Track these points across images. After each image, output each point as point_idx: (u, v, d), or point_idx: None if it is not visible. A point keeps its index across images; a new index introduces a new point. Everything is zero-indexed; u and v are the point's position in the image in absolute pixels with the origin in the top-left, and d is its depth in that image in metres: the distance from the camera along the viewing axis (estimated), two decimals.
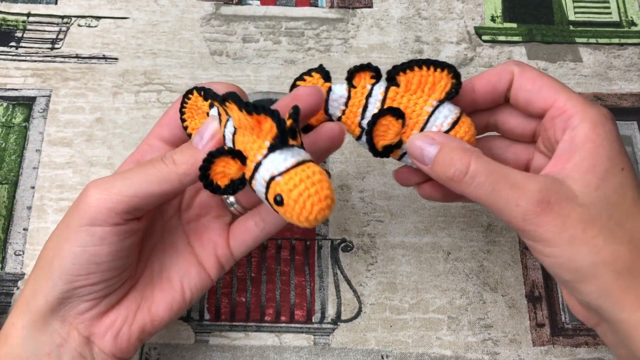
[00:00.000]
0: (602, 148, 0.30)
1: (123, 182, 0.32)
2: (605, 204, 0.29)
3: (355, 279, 0.45)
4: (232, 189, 0.30)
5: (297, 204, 0.29)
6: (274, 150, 0.29)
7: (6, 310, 0.44)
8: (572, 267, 0.29)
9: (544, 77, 0.33)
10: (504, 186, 0.30)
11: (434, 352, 0.43)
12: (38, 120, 0.50)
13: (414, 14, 0.56)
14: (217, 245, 0.37)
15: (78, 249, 0.32)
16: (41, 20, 0.55)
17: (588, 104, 0.31)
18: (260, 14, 0.56)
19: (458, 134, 0.33)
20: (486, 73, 0.34)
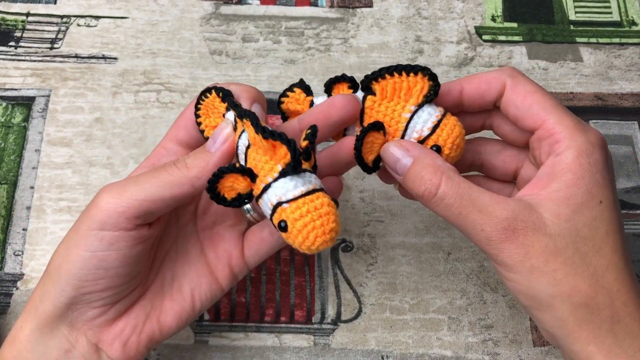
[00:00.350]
0: (581, 180, 0.29)
1: (135, 186, 0.31)
2: (574, 236, 0.29)
3: (355, 279, 0.45)
4: (238, 202, 0.30)
5: (301, 234, 0.29)
6: (285, 176, 0.29)
7: (5, 310, 0.44)
8: (530, 295, 0.29)
9: (536, 93, 0.32)
10: (472, 210, 0.29)
11: (434, 353, 0.43)
12: (37, 120, 0.50)
13: (414, 14, 0.56)
14: (231, 256, 0.36)
15: (86, 253, 0.31)
16: (40, 19, 0.55)
17: (578, 129, 0.30)
18: (260, 14, 0.56)
19: (440, 137, 0.32)
20: (477, 78, 0.33)
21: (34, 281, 0.44)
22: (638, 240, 0.47)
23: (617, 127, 0.52)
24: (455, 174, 0.31)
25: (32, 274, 0.45)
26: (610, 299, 0.29)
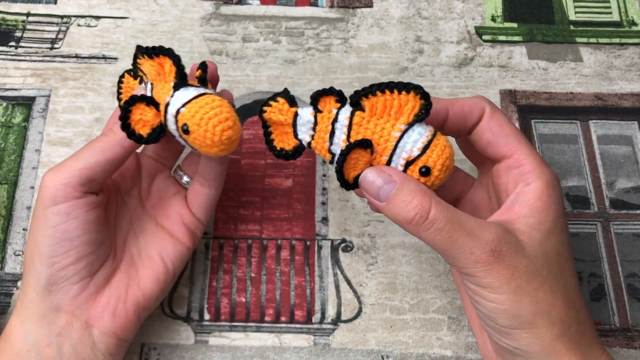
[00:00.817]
0: (549, 209, 0.32)
1: (73, 159, 0.35)
2: (545, 259, 0.31)
3: (355, 279, 0.45)
4: (153, 136, 0.34)
5: (201, 128, 0.32)
6: (178, 89, 0.34)
7: (6, 310, 0.44)
8: (513, 314, 0.31)
9: (510, 125, 0.34)
10: (461, 234, 0.30)
11: (434, 353, 0.43)
12: (37, 120, 0.50)
13: (414, 14, 0.56)
14: (182, 215, 0.40)
15: (49, 229, 0.34)
16: (40, 20, 0.55)
17: (543, 163, 0.33)
18: (260, 14, 0.56)
19: (430, 158, 0.32)
20: (459, 102, 0.34)
21: None
22: (638, 240, 0.47)
23: (617, 127, 0.52)
24: (439, 198, 0.31)
25: None
26: (576, 314, 0.32)
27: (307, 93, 0.52)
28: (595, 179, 0.50)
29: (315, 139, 0.34)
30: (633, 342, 0.44)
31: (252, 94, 0.52)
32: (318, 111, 0.34)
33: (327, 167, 0.49)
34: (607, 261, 0.47)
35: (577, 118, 0.52)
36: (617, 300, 0.45)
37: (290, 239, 0.47)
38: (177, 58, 0.34)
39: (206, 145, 0.33)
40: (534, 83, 0.53)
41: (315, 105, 0.34)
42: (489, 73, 0.53)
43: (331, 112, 0.33)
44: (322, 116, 0.34)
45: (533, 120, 0.52)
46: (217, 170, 0.40)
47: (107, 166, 0.35)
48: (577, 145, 0.51)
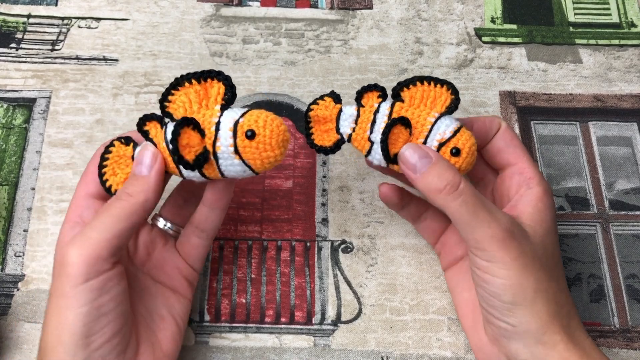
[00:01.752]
0: (548, 210, 0.37)
1: (95, 230, 0.33)
2: (544, 250, 0.36)
3: (355, 280, 0.45)
4: (199, 162, 0.33)
5: (267, 129, 0.33)
6: (226, 108, 0.34)
7: (6, 311, 0.44)
8: (519, 289, 0.34)
9: (519, 140, 0.40)
10: (483, 209, 0.34)
11: (434, 354, 0.43)
12: (38, 122, 0.50)
13: (414, 15, 0.57)
14: (180, 269, 0.40)
15: (83, 308, 0.32)
16: (41, 21, 0.55)
17: (542, 175, 0.38)
18: (261, 15, 0.56)
19: (460, 140, 0.36)
20: (480, 118, 0.40)
21: (35, 282, 0.45)
22: (638, 241, 0.47)
23: (617, 128, 0.52)
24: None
25: (32, 275, 0.45)
26: (566, 300, 0.36)
27: (307, 94, 0.52)
28: (595, 180, 0.50)
29: (356, 130, 0.38)
30: (633, 343, 0.44)
31: (252, 96, 0.52)
32: (361, 106, 0.38)
33: (327, 169, 0.49)
34: (607, 262, 0.47)
35: (577, 119, 0.52)
36: (616, 302, 0.45)
37: (290, 240, 0.47)
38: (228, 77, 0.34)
39: (271, 147, 0.33)
40: (533, 84, 0.53)
41: (359, 101, 0.38)
42: (488, 74, 0.54)
43: (373, 106, 0.38)
44: (364, 110, 0.38)
45: (532, 121, 0.52)
46: (219, 218, 0.39)
47: (131, 231, 0.34)
48: (576, 146, 0.51)
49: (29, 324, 0.43)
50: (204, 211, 0.39)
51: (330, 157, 0.50)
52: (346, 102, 0.39)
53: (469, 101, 0.52)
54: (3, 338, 0.43)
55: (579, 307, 0.45)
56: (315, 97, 0.39)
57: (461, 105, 0.52)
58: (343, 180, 0.49)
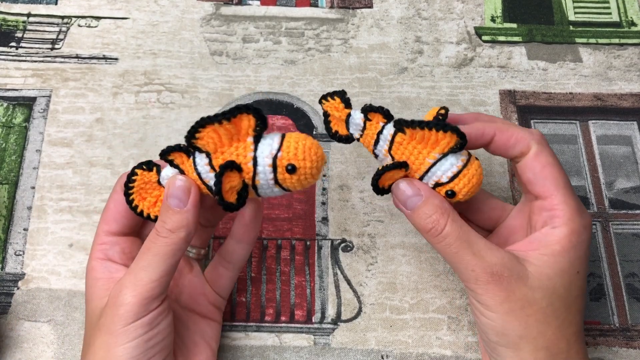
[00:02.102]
0: (567, 253, 0.34)
1: (144, 271, 0.33)
2: (551, 293, 0.34)
3: (355, 279, 0.45)
4: (242, 201, 0.33)
5: (307, 161, 0.32)
6: (259, 140, 0.32)
7: (6, 310, 0.44)
8: (501, 332, 0.34)
9: (554, 167, 0.35)
10: (467, 252, 0.34)
11: (434, 352, 0.43)
12: (38, 121, 0.50)
13: (414, 14, 0.56)
14: (207, 296, 0.40)
15: (132, 342, 0.33)
16: (41, 20, 0.55)
17: (577, 212, 0.35)
18: (260, 14, 0.56)
19: (457, 185, 0.35)
20: (509, 131, 0.36)
21: (35, 281, 0.45)
22: (637, 240, 0.47)
23: (617, 127, 0.52)
24: (458, 217, 0.35)
25: (33, 273, 0.45)
26: (568, 347, 0.34)
27: (307, 93, 0.52)
28: (595, 179, 0.50)
29: (363, 137, 0.38)
30: (632, 342, 0.44)
31: (253, 95, 0.52)
32: (367, 119, 0.37)
33: (327, 167, 0.49)
34: (607, 261, 0.47)
35: (577, 118, 0.52)
36: (616, 300, 0.45)
37: (290, 238, 0.47)
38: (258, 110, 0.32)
39: (311, 176, 0.33)
40: (533, 83, 0.53)
41: (366, 114, 0.38)
42: (488, 73, 0.54)
43: (378, 124, 0.37)
44: (370, 124, 0.37)
45: (532, 120, 0.52)
46: (246, 252, 0.39)
47: (176, 266, 0.34)
48: (576, 145, 0.51)
49: (29, 322, 0.43)
50: (231, 243, 0.39)
51: (330, 156, 0.50)
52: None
53: (468, 100, 0.52)
54: (3, 337, 0.43)
55: None
56: (327, 93, 0.39)
57: (461, 104, 0.52)
58: (343, 179, 0.49)
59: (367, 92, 0.52)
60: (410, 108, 0.52)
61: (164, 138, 0.50)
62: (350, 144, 0.41)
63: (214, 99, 0.52)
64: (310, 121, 0.51)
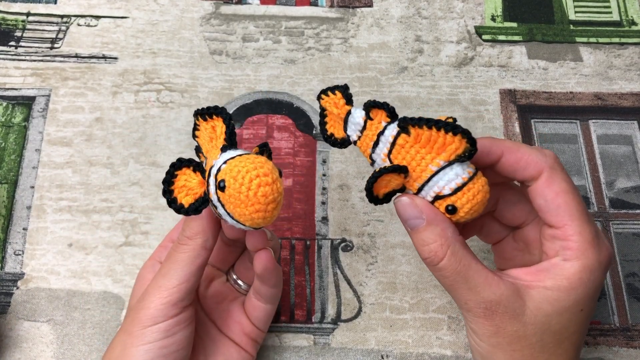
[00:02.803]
0: (574, 291, 0.32)
1: (165, 278, 0.34)
2: (545, 328, 0.32)
3: (355, 279, 0.45)
4: (194, 207, 0.31)
5: (237, 181, 0.28)
6: (225, 150, 0.30)
7: (6, 310, 0.44)
8: (487, 358, 0.34)
9: (568, 194, 0.32)
10: (462, 286, 0.32)
11: (434, 352, 0.43)
12: (37, 120, 0.50)
13: (414, 13, 0.56)
14: (242, 325, 0.39)
15: (146, 345, 0.34)
16: (41, 19, 0.55)
17: (593, 245, 0.32)
18: (260, 14, 0.56)
19: (460, 200, 0.31)
20: (520, 152, 0.33)
21: (34, 280, 0.45)
22: (638, 239, 0.47)
23: (617, 126, 0.52)
24: (460, 247, 0.32)
25: (32, 273, 0.45)
26: None
27: (307, 92, 0.52)
28: (595, 178, 0.50)
29: (360, 140, 0.35)
30: (633, 342, 0.44)
31: (252, 94, 0.52)
32: (369, 117, 0.34)
33: (327, 167, 0.49)
34: None
35: (577, 117, 0.52)
36: (616, 300, 0.45)
37: (290, 238, 0.47)
38: (227, 116, 0.31)
39: (241, 202, 0.29)
40: (533, 83, 0.53)
41: (368, 112, 0.34)
42: (488, 73, 0.53)
43: (380, 123, 0.33)
44: (371, 124, 0.34)
45: (533, 119, 0.52)
46: (272, 293, 0.38)
47: (198, 274, 0.35)
48: (576, 144, 0.51)
49: (28, 322, 0.43)
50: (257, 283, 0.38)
51: (330, 156, 0.50)
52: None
53: (469, 99, 0.52)
54: (2, 336, 0.43)
55: None
56: (327, 87, 0.36)
57: (461, 103, 0.52)
58: (343, 178, 0.49)
59: (367, 91, 0.52)
60: (410, 107, 0.52)
61: (164, 137, 0.50)
62: None
63: (213, 98, 0.52)
64: (310, 120, 0.51)
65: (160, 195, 0.48)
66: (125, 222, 0.47)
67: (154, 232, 0.47)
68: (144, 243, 0.46)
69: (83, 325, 0.43)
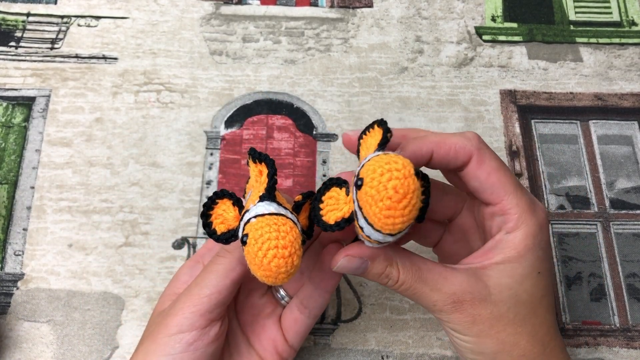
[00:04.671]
0: (523, 258, 0.33)
1: (198, 286, 0.34)
2: (514, 301, 0.33)
3: (355, 279, 0.45)
4: (224, 237, 0.32)
5: (256, 244, 0.29)
6: (262, 200, 0.31)
7: (6, 310, 0.44)
8: (478, 351, 0.34)
9: (499, 171, 0.34)
10: (425, 288, 0.33)
11: (434, 353, 0.43)
12: (38, 120, 0.50)
13: (414, 14, 0.56)
14: (276, 342, 0.38)
15: (167, 356, 0.33)
16: (41, 20, 0.55)
17: (530, 210, 0.33)
18: (260, 14, 0.56)
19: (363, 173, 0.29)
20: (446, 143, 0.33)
21: (34, 281, 0.45)
22: (638, 240, 0.47)
23: (617, 127, 0.52)
24: (406, 258, 0.33)
25: (32, 273, 0.45)
26: (543, 348, 0.34)
27: (307, 93, 0.52)
28: (596, 179, 0.50)
29: None
30: (633, 342, 0.44)
31: (252, 94, 0.52)
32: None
33: (327, 167, 0.49)
34: (607, 261, 0.47)
35: (577, 118, 0.52)
36: (617, 300, 0.45)
37: None
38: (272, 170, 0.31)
39: (254, 263, 0.30)
40: (534, 83, 0.53)
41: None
42: (489, 73, 0.53)
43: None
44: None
45: (533, 120, 0.52)
46: (324, 299, 0.38)
47: (232, 288, 0.34)
48: (577, 145, 0.51)
49: (28, 322, 0.43)
50: (310, 288, 0.38)
51: (330, 156, 0.50)
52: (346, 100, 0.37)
53: (469, 100, 0.52)
54: (3, 337, 0.43)
55: (579, 306, 0.45)
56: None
57: (461, 104, 0.52)
58: None
59: (367, 92, 0.52)
60: (411, 108, 0.52)
61: (164, 138, 0.50)
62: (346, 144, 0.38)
63: (213, 98, 0.52)
64: (310, 121, 0.51)
65: (160, 196, 0.48)
66: (125, 223, 0.47)
67: (154, 233, 0.47)
68: (144, 243, 0.46)
69: (83, 325, 0.43)
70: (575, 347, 0.43)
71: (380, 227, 0.28)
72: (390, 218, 0.27)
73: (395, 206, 0.27)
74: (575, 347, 0.43)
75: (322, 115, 0.51)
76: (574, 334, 0.44)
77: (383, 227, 0.28)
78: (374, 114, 0.51)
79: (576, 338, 0.44)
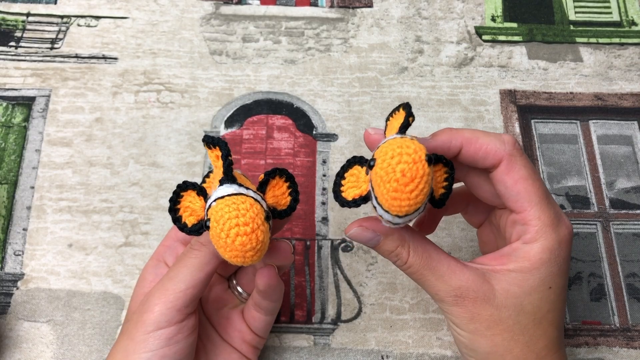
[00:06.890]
0: (536, 271, 0.33)
1: (172, 281, 0.34)
2: (518, 310, 0.33)
3: (355, 279, 0.45)
4: (196, 228, 0.32)
5: (218, 226, 0.29)
6: (222, 184, 0.31)
7: (6, 310, 0.44)
8: (471, 348, 0.34)
9: (527, 180, 0.33)
10: (431, 276, 0.34)
11: (434, 353, 0.43)
12: (37, 120, 0.50)
13: (414, 14, 0.56)
14: (242, 333, 0.39)
15: (147, 353, 0.33)
16: (41, 20, 0.55)
17: (553, 225, 0.33)
18: (260, 14, 0.56)
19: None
20: (478, 142, 0.33)
21: (34, 281, 0.45)
22: (638, 240, 0.47)
23: (617, 127, 0.52)
24: (420, 243, 0.34)
25: (32, 273, 0.45)
26: None
27: (307, 93, 0.52)
28: (595, 178, 0.50)
29: None
30: (633, 342, 0.44)
31: (252, 94, 0.52)
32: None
33: (327, 167, 0.49)
34: (607, 261, 0.47)
35: (577, 118, 0.52)
36: (617, 300, 0.45)
37: (290, 238, 0.47)
38: (225, 152, 0.31)
39: (221, 246, 0.30)
40: (534, 83, 0.53)
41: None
42: (488, 73, 0.53)
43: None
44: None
45: (533, 120, 0.52)
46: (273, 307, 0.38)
47: (206, 281, 0.34)
48: (577, 145, 0.51)
49: (28, 322, 0.43)
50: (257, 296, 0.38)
51: (330, 156, 0.50)
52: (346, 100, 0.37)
53: (469, 100, 0.52)
54: (2, 337, 0.43)
55: (579, 305, 0.45)
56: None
57: (461, 103, 0.52)
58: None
59: (367, 91, 0.52)
60: None
61: (164, 138, 0.50)
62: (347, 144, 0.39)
63: (213, 98, 0.52)
64: (309, 121, 0.51)
65: (160, 196, 0.48)
66: (125, 223, 0.47)
67: (154, 233, 0.47)
68: (144, 243, 0.46)
69: (83, 325, 0.43)
70: (575, 347, 0.43)
71: (388, 207, 0.28)
72: (397, 200, 0.28)
73: (402, 189, 0.28)
74: (575, 347, 0.43)
75: (322, 115, 0.51)
76: (573, 333, 0.44)
77: (390, 208, 0.28)
78: (374, 114, 0.51)
79: (576, 338, 0.44)
